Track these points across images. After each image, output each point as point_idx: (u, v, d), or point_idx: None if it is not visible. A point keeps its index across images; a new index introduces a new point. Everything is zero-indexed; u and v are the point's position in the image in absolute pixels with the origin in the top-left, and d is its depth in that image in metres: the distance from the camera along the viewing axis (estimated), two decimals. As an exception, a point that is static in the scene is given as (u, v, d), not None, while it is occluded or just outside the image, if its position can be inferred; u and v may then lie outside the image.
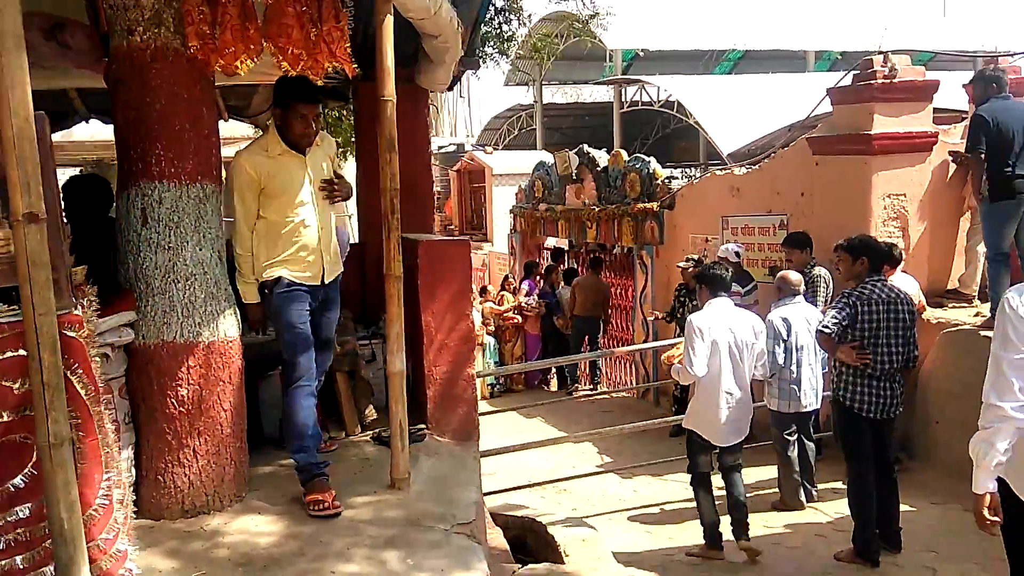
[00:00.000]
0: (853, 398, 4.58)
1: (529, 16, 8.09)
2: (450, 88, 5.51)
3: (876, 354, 4.50)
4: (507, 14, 7.48)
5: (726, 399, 4.76)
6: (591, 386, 10.84)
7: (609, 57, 18.17)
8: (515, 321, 10.91)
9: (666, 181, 9.46)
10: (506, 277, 11.47)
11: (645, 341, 9.69)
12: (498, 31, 7.62)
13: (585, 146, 11.05)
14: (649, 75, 16.91)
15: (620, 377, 10.99)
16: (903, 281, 5.81)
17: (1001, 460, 2.40)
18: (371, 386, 4.35)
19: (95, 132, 7.15)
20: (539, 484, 6.84)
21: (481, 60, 6.65)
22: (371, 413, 4.16)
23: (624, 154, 10.29)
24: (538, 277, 11.22)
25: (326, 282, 3.46)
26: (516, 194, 13.16)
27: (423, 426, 4.08)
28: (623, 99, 18.15)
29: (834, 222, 6.61)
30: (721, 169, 8.68)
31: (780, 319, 5.41)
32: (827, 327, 4.54)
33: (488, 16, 7.54)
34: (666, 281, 9.36)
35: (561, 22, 19.05)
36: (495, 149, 19.09)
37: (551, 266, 11.60)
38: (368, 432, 4.12)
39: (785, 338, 5.38)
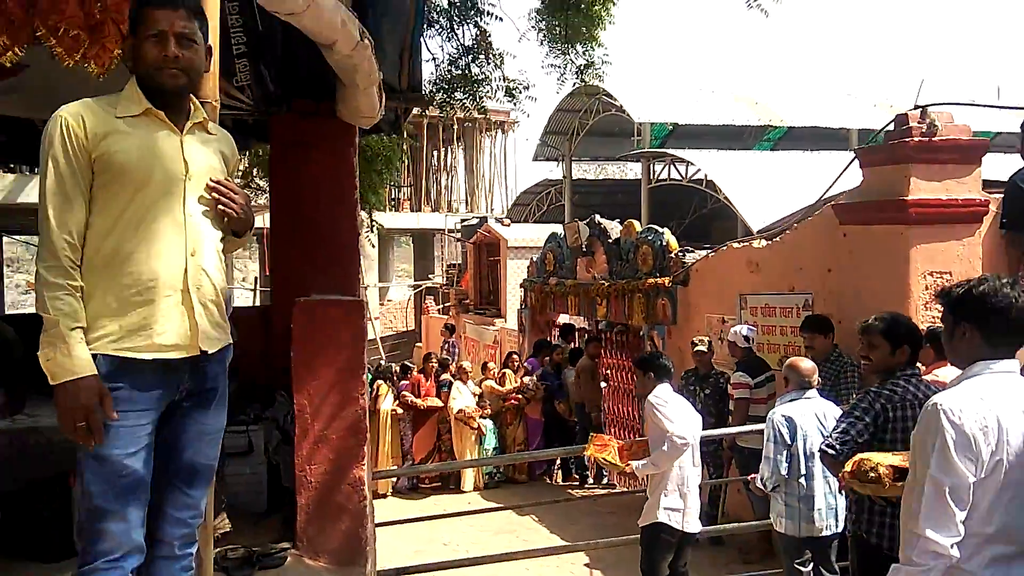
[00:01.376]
0: (880, 533, 3.38)
1: (500, 57, 7.34)
2: (394, 130, 4.72)
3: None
4: (476, 53, 6.80)
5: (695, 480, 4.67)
6: (594, 483, 9.67)
7: (637, 131, 17.45)
8: (516, 402, 9.86)
9: (680, 255, 8.48)
10: (510, 354, 10.48)
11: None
12: (465, 72, 6.93)
13: (597, 216, 10.18)
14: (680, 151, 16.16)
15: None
16: (951, 377, 4.66)
17: None
18: (225, 487, 3.38)
19: None
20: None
21: (444, 103, 5.97)
22: (222, 525, 3.18)
23: (637, 225, 9.37)
24: (546, 357, 10.21)
25: (203, 355, 2.09)
26: (528, 267, 12.29)
27: (286, 545, 3.09)
28: (651, 175, 17.34)
29: (866, 304, 5.51)
30: (740, 242, 7.68)
31: (782, 418, 4.32)
32: (832, 447, 3.36)
33: (455, 56, 6.88)
34: (678, 364, 8.28)
35: (591, 97, 18.58)
36: (525, 224, 18.46)
37: (547, 344, 10.57)
38: (218, 549, 3.13)
39: (788, 442, 4.27)
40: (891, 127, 5.83)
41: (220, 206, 2.10)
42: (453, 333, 13.55)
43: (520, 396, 9.81)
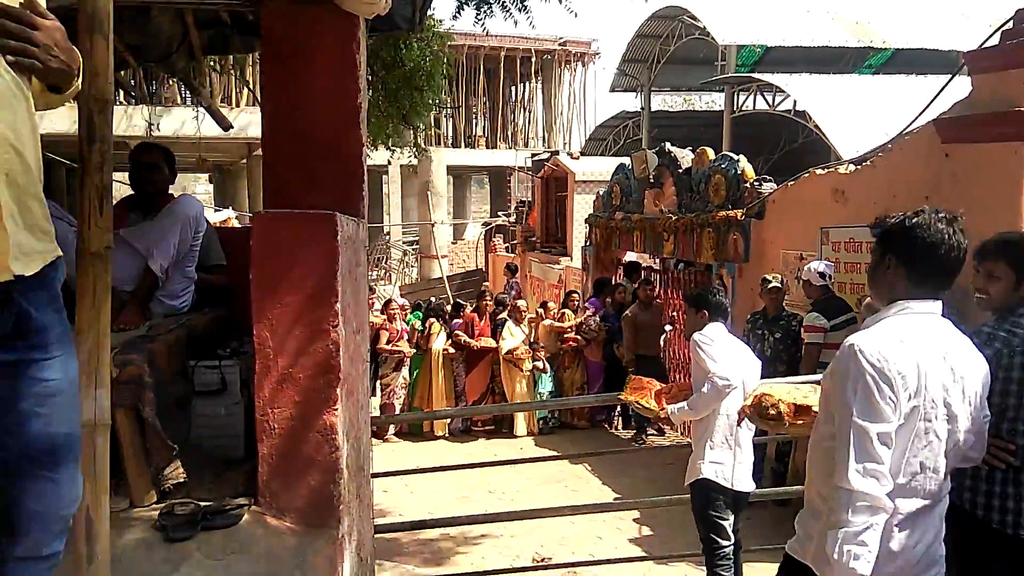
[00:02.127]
0: (989, 505, 2.62)
1: None
2: (411, 27, 4.11)
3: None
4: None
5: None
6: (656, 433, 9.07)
7: (722, 56, 16.06)
8: (574, 344, 9.30)
9: (756, 184, 7.62)
10: (570, 294, 9.87)
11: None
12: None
13: (668, 144, 9.34)
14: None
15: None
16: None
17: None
18: (189, 428, 2.95)
19: None
20: (543, 567, 5.24)
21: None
22: (174, 474, 2.75)
23: (711, 152, 8.51)
24: (607, 298, 9.58)
25: (17, 280, 1.44)
26: (594, 202, 11.55)
27: (243, 501, 2.64)
28: (736, 105, 15.95)
29: (972, 233, 4.65)
30: (824, 168, 6.77)
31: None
32: None
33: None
34: (749, 305, 7.53)
35: (673, 19, 17.33)
36: (596, 157, 17.52)
37: (608, 283, 9.89)
38: (165, 503, 2.71)
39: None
40: (1009, 24, 4.84)
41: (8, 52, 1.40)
42: (515, 273, 12.98)
43: (579, 337, 9.24)
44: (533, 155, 18.58)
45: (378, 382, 9.15)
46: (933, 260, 2.09)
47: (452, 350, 9.07)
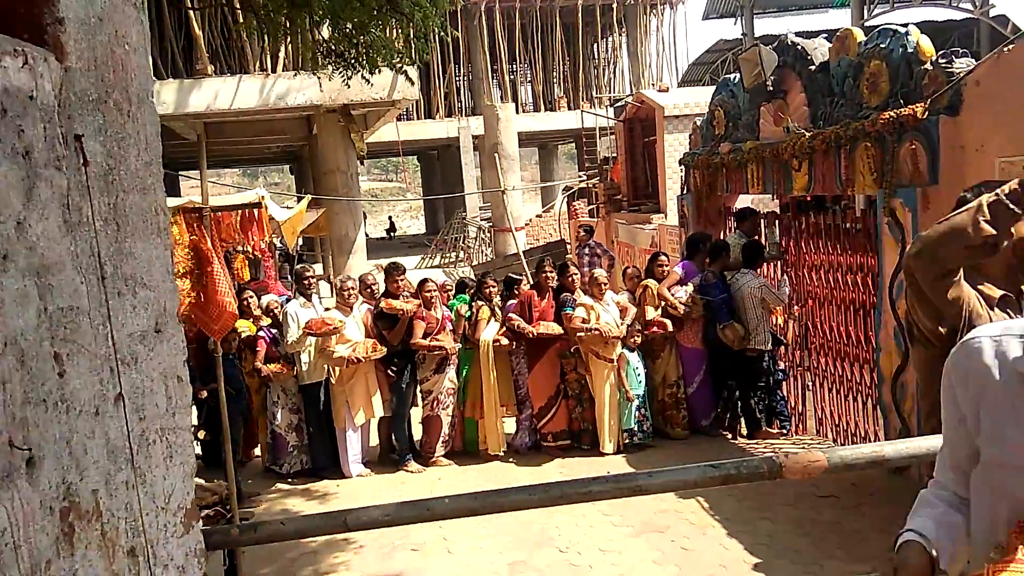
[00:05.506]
0: None
1: None
2: None
3: None
4: None
5: None
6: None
7: None
8: (658, 331, 6.83)
9: (943, 63, 4.91)
10: (656, 256, 7.30)
11: (902, 364, 5.26)
12: None
13: (790, 34, 6.65)
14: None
15: (850, 421, 6.45)
16: None
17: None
18: None
19: None
20: None
21: None
22: None
23: (859, 33, 5.79)
24: (706, 259, 6.97)
25: None
26: (690, 137, 8.92)
27: None
28: (865, 13, 12.56)
29: None
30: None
31: None
32: None
33: None
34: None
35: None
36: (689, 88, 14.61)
37: (706, 239, 7.24)
38: None
39: None
40: None
41: None
42: (592, 235, 10.39)
43: (666, 322, 6.73)
44: (614, 100, 15.98)
45: (418, 388, 6.96)
46: None
47: (505, 341, 6.75)
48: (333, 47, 5.62)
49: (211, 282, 4.01)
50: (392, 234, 37.92)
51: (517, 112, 24.64)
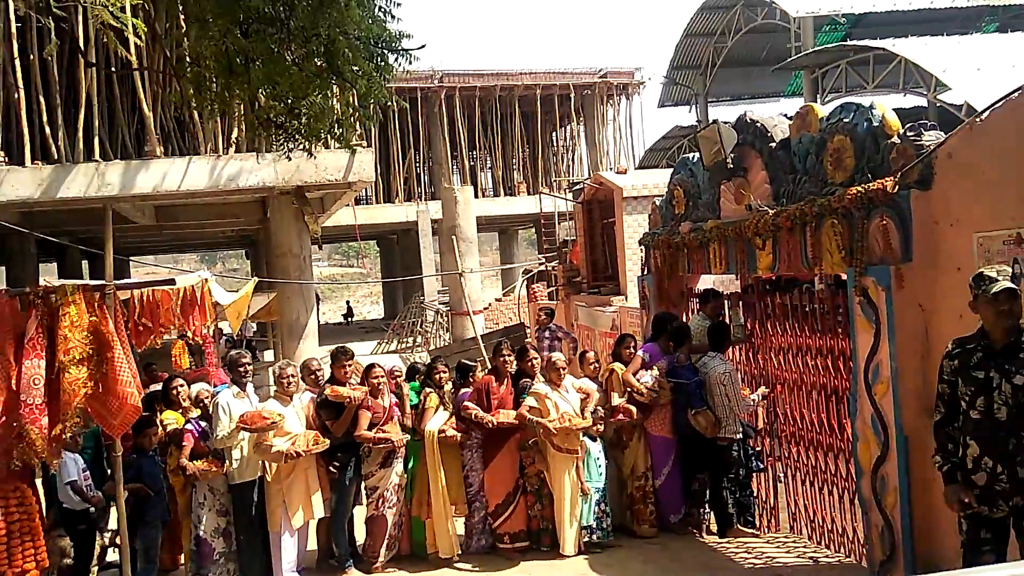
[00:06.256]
0: None
1: None
2: None
3: None
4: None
5: None
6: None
7: (796, 35, 12.94)
8: (625, 418, 6.41)
9: (911, 138, 4.73)
10: (624, 338, 6.92)
11: (881, 454, 4.86)
12: None
13: (749, 112, 6.51)
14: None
15: (826, 516, 6.00)
16: None
17: None
18: None
19: None
20: None
21: None
22: None
23: (820, 110, 5.64)
24: (671, 341, 6.61)
25: None
26: (650, 217, 8.71)
27: None
28: (821, 88, 12.72)
29: None
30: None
31: None
32: None
33: None
34: (918, 337, 4.58)
35: (729, 9, 14.56)
36: (647, 171, 14.58)
37: (670, 319, 6.87)
38: None
39: None
40: None
41: None
42: (552, 317, 10.03)
43: (630, 408, 6.31)
44: (573, 184, 15.93)
45: (362, 484, 6.37)
46: None
47: (451, 432, 6.24)
48: (273, 118, 5.28)
49: (111, 370, 3.50)
50: (349, 319, 37.30)
51: (477, 196, 24.67)
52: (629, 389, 6.42)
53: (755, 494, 6.69)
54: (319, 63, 4.37)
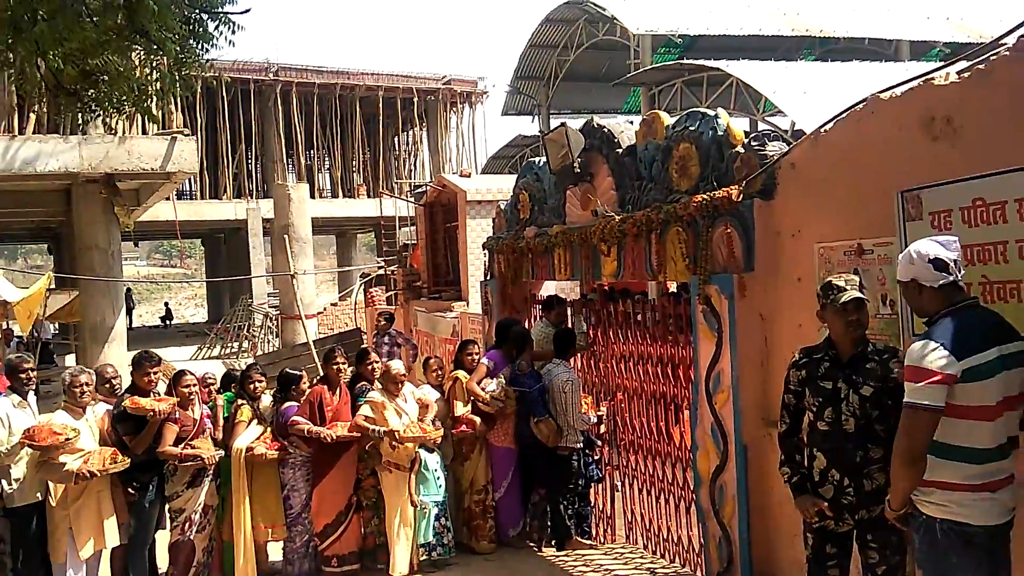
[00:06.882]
0: None
1: None
2: None
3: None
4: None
5: None
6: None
7: (635, 53, 13.32)
8: (467, 429, 6.09)
9: (754, 148, 4.73)
10: (466, 344, 6.58)
11: (721, 464, 4.82)
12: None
13: (596, 118, 6.40)
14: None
15: (663, 526, 5.97)
16: None
17: None
18: None
19: None
20: None
21: None
22: None
23: (666, 117, 5.60)
24: (514, 348, 6.35)
25: None
26: (494, 221, 8.48)
27: None
28: (657, 106, 13.17)
29: None
30: (904, 84, 3.88)
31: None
32: None
33: None
34: (758, 347, 4.58)
35: (572, 23, 14.76)
36: (492, 175, 14.44)
37: (511, 326, 6.63)
38: None
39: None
40: None
41: None
42: (392, 323, 9.55)
43: (473, 418, 6.01)
44: (415, 187, 15.54)
45: (166, 507, 5.61)
46: None
47: (262, 449, 5.66)
48: (64, 83, 4.49)
49: None
50: (168, 322, 34.63)
51: (313, 196, 23.62)
52: (473, 398, 6.10)
53: (592, 504, 6.58)
54: (119, 19, 3.72)
